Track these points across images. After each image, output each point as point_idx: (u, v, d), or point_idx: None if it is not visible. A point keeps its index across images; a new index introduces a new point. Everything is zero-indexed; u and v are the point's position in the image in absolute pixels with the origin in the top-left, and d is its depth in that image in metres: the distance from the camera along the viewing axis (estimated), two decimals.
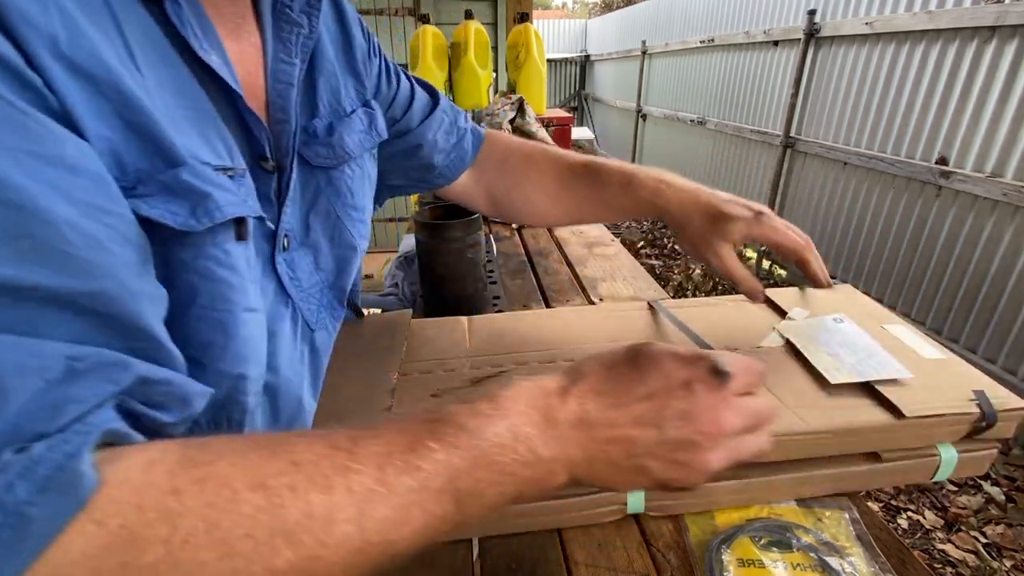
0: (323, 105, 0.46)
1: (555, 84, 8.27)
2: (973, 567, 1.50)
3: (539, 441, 0.28)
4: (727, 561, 0.40)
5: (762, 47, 3.59)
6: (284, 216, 0.41)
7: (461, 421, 0.27)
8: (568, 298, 0.89)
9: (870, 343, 0.53)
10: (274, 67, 0.40)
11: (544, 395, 0.30)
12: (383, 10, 3.46)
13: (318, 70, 0.46)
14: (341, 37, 0.50)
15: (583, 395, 0.30)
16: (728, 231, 0.52)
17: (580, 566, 0.42)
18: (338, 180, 0.47)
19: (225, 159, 0.33)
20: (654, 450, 0.29)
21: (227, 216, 0.30)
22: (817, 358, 0.51)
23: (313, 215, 0.45)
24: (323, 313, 0.46)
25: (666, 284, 3.37)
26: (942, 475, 0.47)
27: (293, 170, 0.41)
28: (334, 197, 0.47)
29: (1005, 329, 2.04)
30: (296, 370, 0.42)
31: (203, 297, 0.31)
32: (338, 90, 0.48)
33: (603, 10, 12.34)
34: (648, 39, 5.61)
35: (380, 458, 0.25)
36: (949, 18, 2.18)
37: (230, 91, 0.34)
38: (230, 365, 0.32)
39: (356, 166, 0.49)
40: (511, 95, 1.65)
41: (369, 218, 0.51)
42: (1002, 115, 2.03)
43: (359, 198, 0.49)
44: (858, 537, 0.43)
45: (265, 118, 0.40)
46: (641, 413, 0.29)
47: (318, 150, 0.45)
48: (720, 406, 0.30)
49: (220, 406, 0.33)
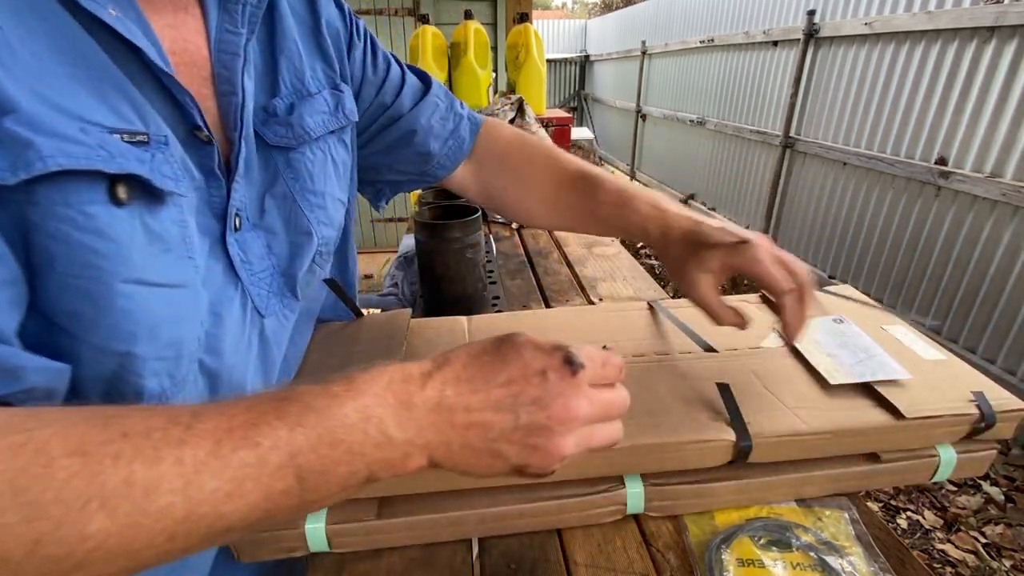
0: (284, 85, 0.46)
1: (555, 84, 8.27)
2: (973, 567, 1.50)
3: (392, 423, 0.28)
4: (727, 561, 0.40)
5: (762, 47, 3.59)
6: (235, 193, 0.40)
7: (309, 400, 0.28)
8: (568, 298, 0.89)
9: (870, 344, 0.53)
10: (218, 37, 0.40)
11: (404, 379, 0.30)
12: (383, 10, 3.46)
13: (279, 49, 0.46)
14: (310, 18, 0.50)
15: (444, 380, 0.31)
16: (705, 259, 0.48)
17: (580, 566, 0.42)
18: (297, 162, 0.46)
19: (132, 123, 0.32)
20: (509, 435, 0.30)
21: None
22: (817, 359, 0.51)
23: (269, 197, 0.44)
24: (273, 300, 0.45)
25: (666, 284, 3.37)
26: (941, 475, 0.47)
27: (242, 145, 0.40)
28: (292, 180, 0.46)
29: (1004, 329, 2.04)
30: (242, 356, 0.41)
31: (60, 263, 0.29)
32: (302, 71, 0.47)
33: (603, 10, 12.34)
34: (648, 39, 5.61)
35: (219, 432, 0.25)
36: (948, 18, 2.18)
37: (141, 53, 0.33)
38: (108, 340, 0.31)
39: (318, 149, 0.48)
40: (511, 95, 1.65)
41: (332, 205, 0.50)
42: (1001, 115, 2.03)
43: (319, 183, 0.48)
44: (858, 537, 0.43)
45: (212, 90, 0.40)
46: (498, 398, 0.30)
47: (276, 129, 0.45)
48: (571, 393, 0.31)
49: (110, 387, 0.32)
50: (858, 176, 2.78)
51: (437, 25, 1.79)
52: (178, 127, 0.36)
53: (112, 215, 0.30)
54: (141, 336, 0.32)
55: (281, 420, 0.26)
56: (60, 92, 0.29)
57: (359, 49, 0.56)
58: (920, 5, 2.36)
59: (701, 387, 0.48)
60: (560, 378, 0.31)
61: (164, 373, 0.34)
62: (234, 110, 0.40)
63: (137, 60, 0.33)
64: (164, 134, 0.34)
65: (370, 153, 0.62)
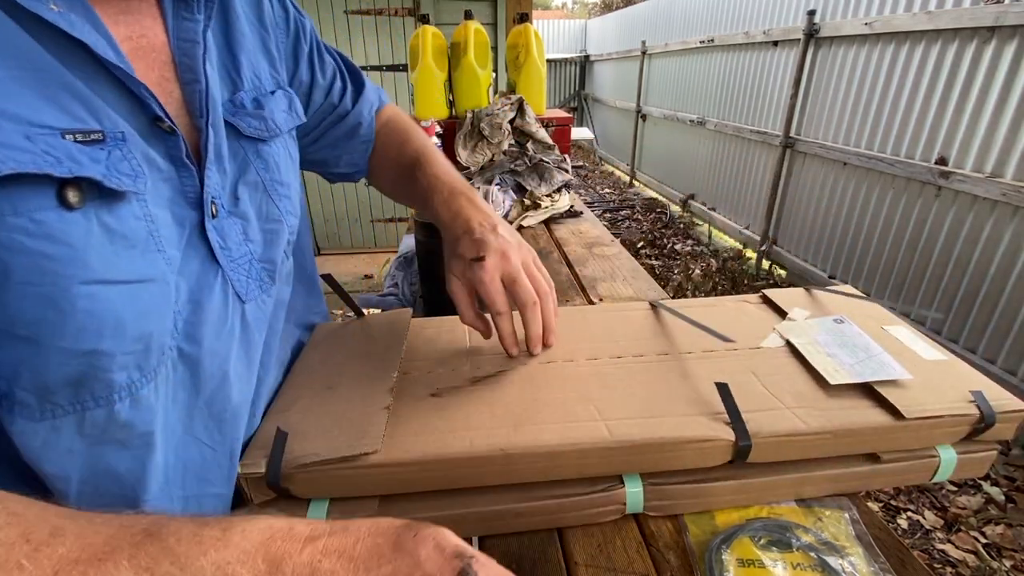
0: (246, 80, 0.47)
1: (555, 84, 8.28)
2: (973, 567, 1.50)
3: None
4: (727, 561, 0.40)
5: (762, 47, 3.59)
6: (208, 181, 0.40)
7: (171, 544, 0.26)
8: (568, 298, 0.89)
9: (870, 344, 0.53)
10: (175, 24, 0.40)
11: (287, 537, 0.28)
12: (383, 10, 3.46)
13: (237, 44, 0.46)
14: (256, 20, 0.51)
15: (327, 551, 0.28)
16: (452, 264, 0.55)
17: (580, 566, 0.42)
18: (267, 154, 0.48)
19: (85, 122, 0.31)
20: None
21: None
22: (817, 359, 0.51)
23: (242, 185, 0.45)
24: (252, 285, 0.45)
25: (666, 284, 3.37)
26: (941, 476, 0.47)
27: (210, 132, 0.41)
28: (263, 170, 0.47)
29: (1005, 329, 2.04)
30: (224, 343, 0.41)
31: (18, 273, 0.28)
32: (259, 68, 0.49)
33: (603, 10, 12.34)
34: (648, 39, 5.61)
35: (63, 563, 0.23)
36: (949, 18, 2.18)
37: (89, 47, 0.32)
38: (73, 342, 0.31)
39: (281, 143, 0.50)
40: (511, 95, 1.65)
41: (295, 195, 0.52)
42: (1001, 115, 2.03)
43: (285, 174, 0.50)
44: (858, 537, 0.43)
45: (175, 77, 0.40)
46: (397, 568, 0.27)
47: (249, 121, 0.46)
48: None
49: (78, 386, 0.32)
50: (858, 176, 2.78)
51: (437, 25, 1.79)
52: (137, 120, 0.35)
53: (64, 219, 0.30)
54: (107, 334, 0.32)
55: (131, 561, 0.24)
56: (3, 97, 0.28)
57: (306, 52, 0.57)
58: (920, 5, 2.36)
59: (701, 387, 0.48)
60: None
61: (132, 366, 0.34)
62: (199, 98, 0.40)
63: (86, 55, 0.32)
64: (120, 130, 0.33)
65: (320, 148, 0.66)
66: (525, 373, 0.52)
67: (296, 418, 0.47)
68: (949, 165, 2.25)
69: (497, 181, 1.34)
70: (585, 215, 1.35)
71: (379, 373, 0.52)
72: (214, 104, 0.42)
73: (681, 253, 3.95)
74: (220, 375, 0.41)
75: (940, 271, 2.31)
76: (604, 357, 0.54)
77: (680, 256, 3.89)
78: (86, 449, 0.34)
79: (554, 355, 0.55)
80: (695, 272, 3.51)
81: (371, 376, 0.52)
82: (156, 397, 0.36)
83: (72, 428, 0.33)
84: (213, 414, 0.41)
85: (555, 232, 1.23)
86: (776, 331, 0.57)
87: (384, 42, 3.56)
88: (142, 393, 0.35)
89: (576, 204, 1.39)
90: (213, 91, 0.42)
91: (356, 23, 3.49)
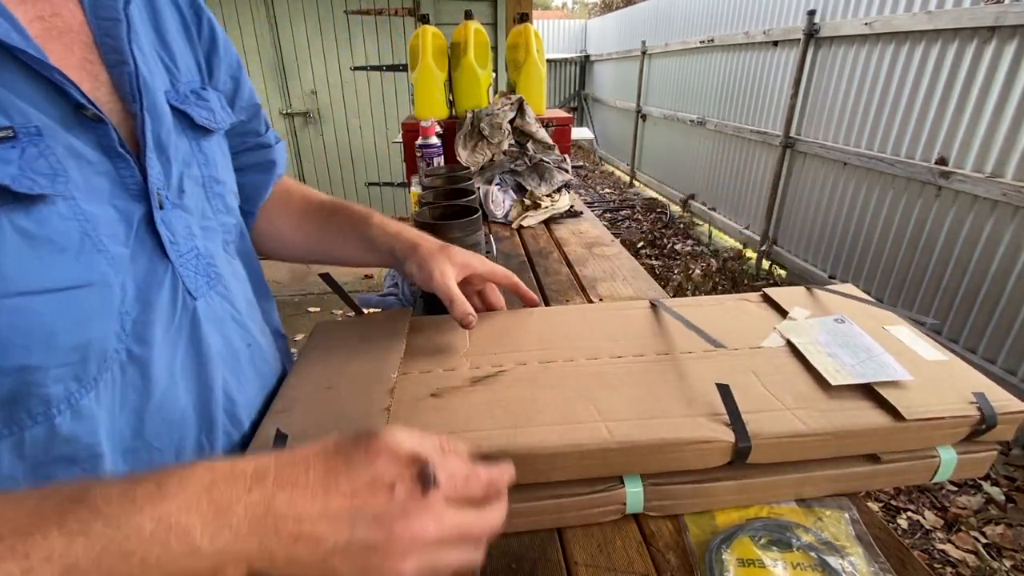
0: (183, 71, 0.45)
1: (555, 84, 8.28)
2: (973, 567, 1.50)
3: (200, 532, 0.25)
4: (727, 561, 0.40)
5: (762, 47, 3.59)
6: (151, 171, 0.38)
7: (99, 505, 0.24)
8: (568, 298, 0.89)
9: (871, 344, 0.52)
10: (92, 2, 0.37)
11: (228, 480, 0.27)
12: (383, 10, 3.47)
13: (169, 36, 0.44)
14: (178, 20, 0.48)
15: (278, 483, 0.27)
16: (451, 253, 0.58)
17: (580, 566, 0.42)
18: (208, 149, 0.46)
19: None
20: (342, 551, 0.27)
21: None
22: (817, 359, 0.51)
23: (187, 179, 0.43)
24: (201, 281, 0.43)
25: (666, 284, 3.37)
26: (942, 476, 0.47)
27: (146, 117, 0.38)
28: (203, 165, 0.46)
29: (1005, 329, 2.04)
30: (172, 342, 0.39)
31: None
32: (189, 63, 0.47)
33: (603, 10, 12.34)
34: (648, 39, 5.61)
35: None
36: (949, 18, 2.18)
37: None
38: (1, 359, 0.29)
39: (217, 141, 0.49)
40: (511, 95, 1.65)
41: (230, 196, 0.50)
42: (1002, 115, 2.03)
43: (222, 172, 0.49)
44: (858, 537, 0.43)
45: (99, 58, 0.37)
46: (337, 510, 0.27)
47: (200, 111, 0.44)
48: (417, 513, 0.28)
49: (11, 405, 0.30)
50: (858, 176, 2.78)
51: (437, 25, 1.79)
52: (57, 109, 0.32)
53: None
54: (36, 348, 0.30)
55: (60, 529, 0.23)
56: None
57: (224, 62, 0.53)
58: (920, 5, 2.36)
59: (701, 387, 0.48)
60: (409, 495, 0.28)
61: (69, 377, 0.32)
62: (129, 80, 0.38)
63: None
64: (35, 124, 0.30)
65: None
66: (525, 373, 0.52)
67: (296, 419, 0.47)
68: (949, 165, 2.25)
69: (497, 181, 1.34)
70: (585, 215, 1.35)
71: (379, 373, 0.52)
72: (148, 88, 0.39)
73: (681, 253, 3.95)
74: (168, 376, 0.39)
75: (940, 271, 2.31)
76: (604, 357, 0.54)
77: (680, 256, 3.89)
78: (29, 471, 0.32)
79: (554, 355, 0.55)
80: (695, 272, 3.51)
81: (371, 376, 0.52)
82: (98, 405, 0.34)
83: (10, 451, 0.31)
84: (164, 417, 0.39)
85: (555, 232, 1.23)
86: (777, 330, 0.57)
87: (384, 42, 3.56)
88: (83, 404, 0.33)
89: (576, 204, 1.39)
90: (145, 74, 0.39)
91: (356, 23, 3.49)
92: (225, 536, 0.26)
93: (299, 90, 3.63)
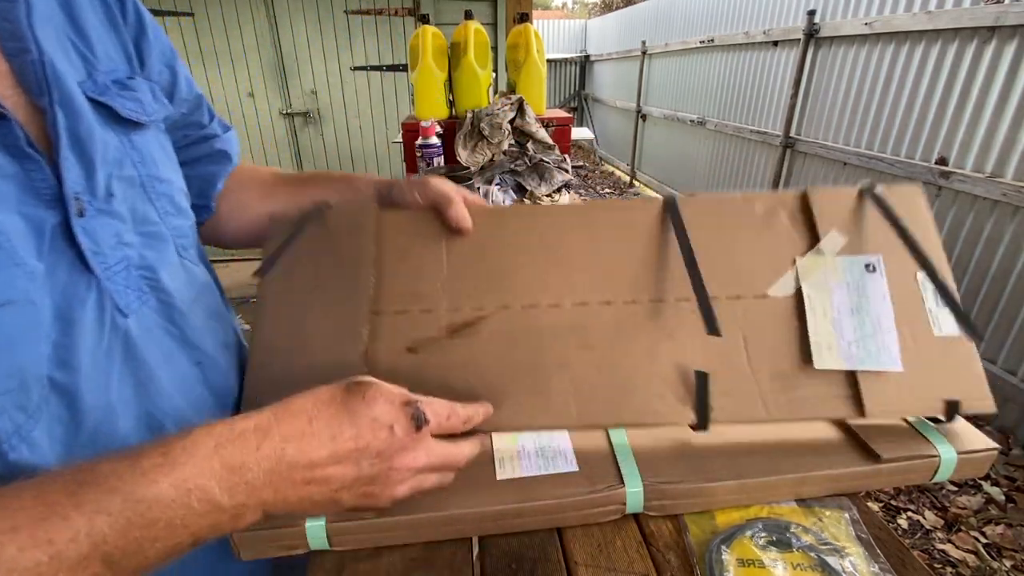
0: (101, 59, 0.40)
1: (555, 84, 8.27)
2: (973, 567, 1.50)
3: (219, 490, 0.27)
4: (727, 561, 0.40)
5: (762, 47, 3.59)
6: (67, 173, 0.34)
7: (113, 482, 0.25)
8: None
9: (883, 315, 0.48)
10: None
11: (234, 439, 0.28)
12: (383, 10, 3.46)
13: (84, 21, 0.40)
14: (103, 12, 0.44)
15: (285, 436, 0.30)
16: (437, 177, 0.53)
17: (580, 566, 0.42)
18: (142, 144, 0.41)
19: None
20: (349, 485, 0.31)
21: None
22: (817, 324, 0.47)
23: (117, 180, 0.38)
24: (133, 296, 0.38)
25: None
26: (942, 476, 0.47)
27: (57, 112, 0.34)
28: (139, 163, 0.41)
29: (1005, 329, 2.04)
30: (102, 367, 0.35)
31: None
32: (110, 50, 0.42)
33: (603, 10, 12.35)
34: (648, 39, 5.61)
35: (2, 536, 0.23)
36: (949, 18, 2.18)
37: None
38: None
39: (154, 135, 0.44)
40: (511, 95, 1.65)
41: (178, 195, 0.45)
42: (1002, 115, 2.03)
43: (164, 169, 0.44)
44: (858, 537, 0.43)
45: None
46: (345, 453, 0.31)
47: (124, 103, 0.39)
48: (413, 447, 0.33)
49: None
50: (858, 176, 2.77)
51: (437, 25, 1.79)
52: None
53: None
54: None
55: (78, 510, 0.24)
56: None
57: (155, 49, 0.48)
58: (920, 5, 2.36)
59: (683, 355, 0.46)
60: (406, 433, 0.33)
61: (12, 407, 0.29)
62: (33, 70, 0.34)
63: None
64: None
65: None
66: (505, 322, 0.48)
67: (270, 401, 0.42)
68: (949, 165, 2.25)
69: (497, 181, 1.34)
70: None
71: (349, 320, 0.48)
72: (58, 78, 0.35)
73: None
74: (102, 406, 0.35)
75: None
76: (593, 303, 0.49)
77: None
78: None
79: (539, 296, 0.49)
80: None
81: (341, 327, 0.47)
82: (38, 438, 0.31)
83: None
84: (99, 453, 0.34)
85: None
86: (795, 269, 0.49)
87: (384, 42, 3.56)
88: (34, 435, 0.30)
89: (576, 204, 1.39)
90: (55, 62, 0.35)
91: (356, 23, 3.49)
92: (242, 491, 0.28)
93: (299, 90, 3.63)
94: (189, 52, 3.35)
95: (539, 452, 0.48)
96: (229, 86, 3.50)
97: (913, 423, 0.49)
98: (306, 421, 0.31)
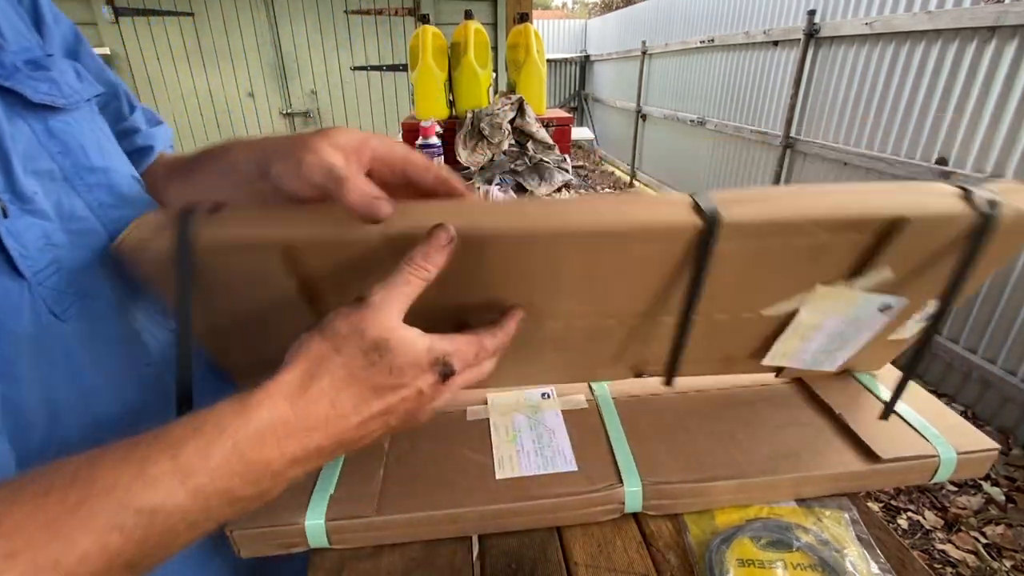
0: (10, 39, 0.36)
1: (555, 84, 8.27)
2: (973, 567, 1.50)
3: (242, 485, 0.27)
4: (727, 561, 0.40)
5: (762, 47, 3.59)
6: None
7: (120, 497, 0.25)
8: None
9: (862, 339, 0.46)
10: None
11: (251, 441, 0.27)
12: (383, 10, 3.47)
13: None
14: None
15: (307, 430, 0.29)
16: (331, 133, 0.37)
17: (580, 566, 0.42)
18: (63, 132, 0.37)
19: None
20: (389, 421, 0.33)
21: None
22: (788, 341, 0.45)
23: (33, 176, 0.34)
24: (68, 300, 0.35)
25: None
26: (942, 476, 0.47)
27: None
28: (60, 154, 0.36)
29: (1005, 329, 2.04)
30: (43, 376, 0.33)
31: None
32: (18, 27, 0.38)
33: (603, 10, 12.35)
34: (648, 39, 5.61)
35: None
36: (949, 18, 2.18)
37: None
38: None
39: (84, 118, 0.40)
40: (511, 95, 1.65)
41: (122, 182, 0.41)
42: (1002, 115, 2.03)
43: (95, 157, 0.39)
44: (858, 537, 0.43)
45: None
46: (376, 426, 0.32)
47: (37, 85, 0.35)
48: (441, 395, 0.35)
49: None
50: (859, 176, 2.78)
51: (437, 25, 1.79)
52: None
53: None
54: None
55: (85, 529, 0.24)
56: None
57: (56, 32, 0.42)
58: (920, 5, 2.36)
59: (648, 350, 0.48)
60: (434, 389, 0.34)
61: None
62: None
63: None
64: None
65: None
66: None
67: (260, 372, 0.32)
68: (949, 165, 2.25)
69: (497, 181, 1.34)
70: None
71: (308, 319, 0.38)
72: None
73: None
74: (49, 413, 0.33)
75: None
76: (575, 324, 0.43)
77: None
78: None
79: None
80: None
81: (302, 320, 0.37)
82: None
83: None
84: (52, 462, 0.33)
85: None
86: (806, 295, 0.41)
87: (384, 42, 3.56)
88: None
89: None
90: None
91: (356, 23, 3.49)
92: (268, 478, 0.28)
93: (299, 90, 3.63)
94: (189, 52, 3.35)
95: (538, 451, 0.48)
96: (229, 86, 3.50)
97: (913, 424, 0.49)
98: (328, 405, 0.29)
